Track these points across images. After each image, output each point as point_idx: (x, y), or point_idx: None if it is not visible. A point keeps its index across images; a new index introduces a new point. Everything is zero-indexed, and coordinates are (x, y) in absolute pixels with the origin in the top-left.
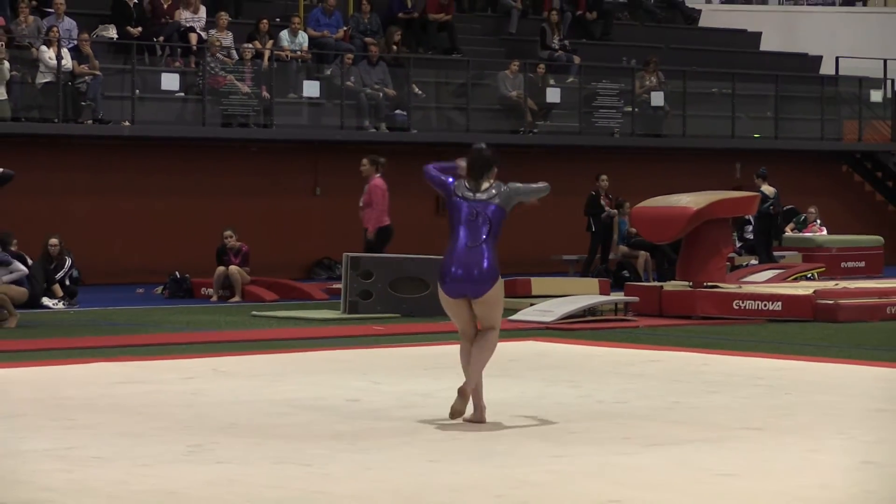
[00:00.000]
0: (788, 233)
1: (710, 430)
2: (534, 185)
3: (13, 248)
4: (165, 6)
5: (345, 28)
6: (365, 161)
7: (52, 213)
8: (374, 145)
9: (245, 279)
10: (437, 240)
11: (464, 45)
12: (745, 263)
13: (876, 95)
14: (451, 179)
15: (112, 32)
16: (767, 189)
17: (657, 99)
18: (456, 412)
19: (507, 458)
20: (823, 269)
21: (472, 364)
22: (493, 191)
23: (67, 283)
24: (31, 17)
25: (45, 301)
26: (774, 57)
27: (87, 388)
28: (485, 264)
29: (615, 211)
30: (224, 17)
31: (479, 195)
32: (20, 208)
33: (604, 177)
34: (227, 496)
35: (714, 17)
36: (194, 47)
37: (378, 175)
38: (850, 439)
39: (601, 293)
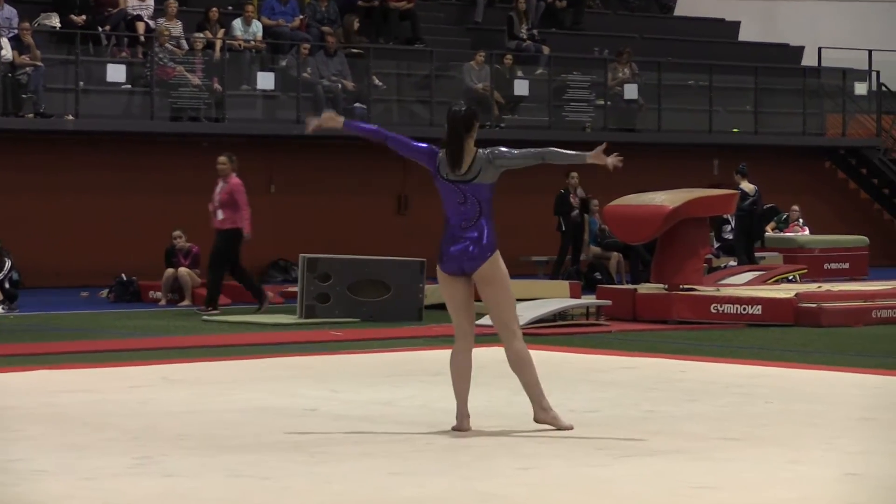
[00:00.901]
0: (769, 233)
1: (687, 440)
2: (521, 152)
3: None
4: None
5: (301, 17)
6: (223, 159)
7: None
8: (332, 140)
9: (195, 282)
10: (399, 240)
11: (427, 34)
12: (723, 265)
13: (860, 88)
14: (426, 144)
15: (55, 21)
16: (747, 186)
17: (631, 92)
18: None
19: (474, 470)
20: (806, 270)
21: (527, 388)
22: (478, 167)
23: (7, 285)
24: None
25: None
26: (754, 47)
27: (29, 397)
28: (483, 240)
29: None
30: (173, 5)
31: (463, 174)
32: None
33: (574, 174)
34: None
35: (690, 5)
36: (142, 37)
37: (234, 174)
38: (834, 450)
39: (572, 296)
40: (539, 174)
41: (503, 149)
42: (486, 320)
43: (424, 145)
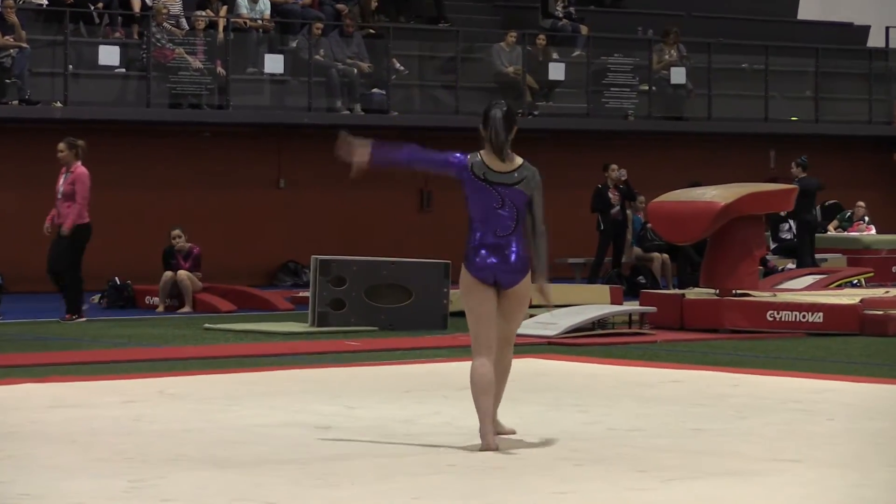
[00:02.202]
0: (831, 232)
1: (739, 461)
2: (540, 213)
3: None
4: None
5: None
6: (62, 146)
7: None
8: (347, 129)
9: (196, 286)
10: (420, 240)
11: (452, 13)
12: (780, 268)
13: None
14: (456, 155)
15: None
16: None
17: (678, 76)
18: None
19: (504, 494)
20: (872, 274)
21: (498, 397)
22: (525, 172)
23: None
24: None
25: None
26: (815, 27)
27: (13, 413)
28: (522, 253)
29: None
30: None
31: (505, 175)
32: None
33: (614, 166)
34: None
35: None
36: (137, 15)
37: (79, 162)
38: None
39: (612, 302)
40: (575, 167)
41: (537, 197)
42: (525, 328)
43: (458, 155)
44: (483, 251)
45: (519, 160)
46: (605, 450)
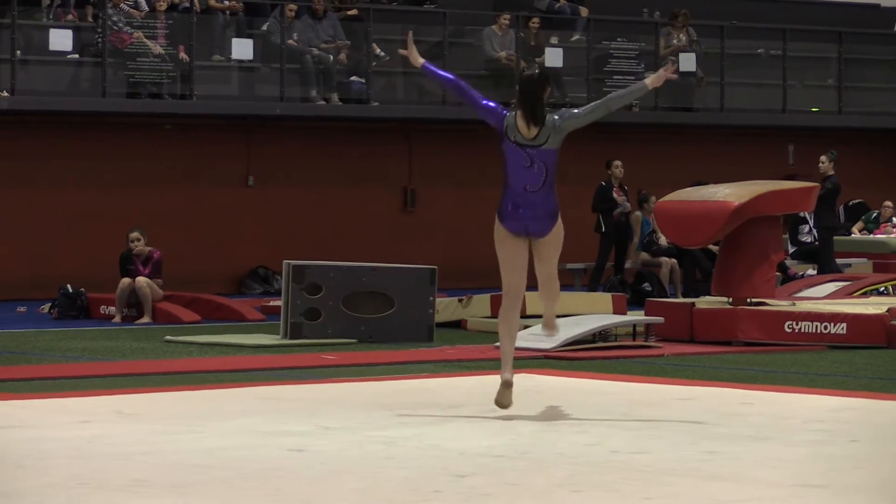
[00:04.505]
0: (856, 234)
1: (757, 487)
2: (586, 108)
3: None
4: None
5: None
6: None
7: None
8: (323, 122)
9: (157, 294)
10: (404, 243)
11: None
12: (800, 274)
13: None
14: (492, 105)
15: None
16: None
17: (687, 63)
18: (503, 405)
19: None
20: None
21: (547, 312)
22: (547, 132)
23: None
24: None
25: None
26: (838, 8)
27: None
28: (549, 205)
29: (629, 205)
30: None
31: (532, 139)
32: None
33: (617, 163)
34: None
35: None
36: None
37: None
38: None
39: (615, 312)
40: (574, 162)
41: (573, 110)
42: (520, 340)
43: (493, 104)
44: (513, 204)
45: (547, 119)
46: (608, 475)
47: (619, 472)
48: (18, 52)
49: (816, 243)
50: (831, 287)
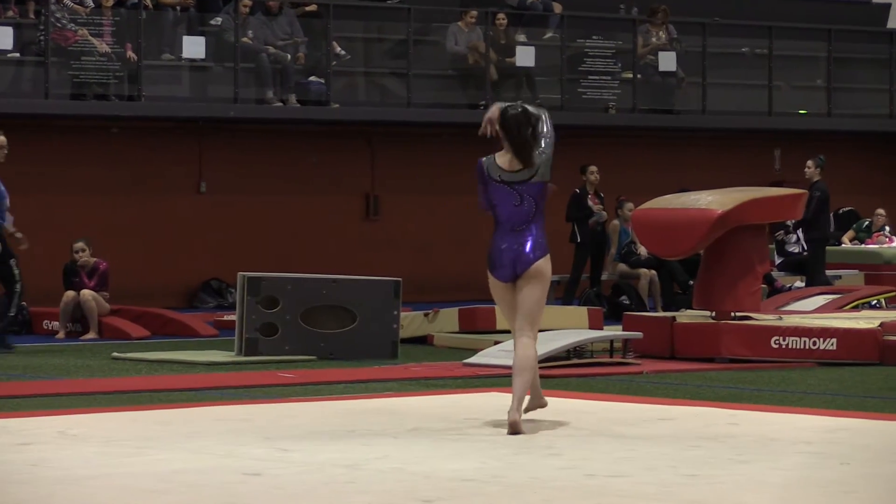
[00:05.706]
0: (847, 244)
1: None
2: (548, 140)
3: None
4: None
5: None
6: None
7: None
8: (279, 124)
9: (103, 308)
10: (367, 253)
11: None
12: (787, 286)
13: None
14: (478, 173)
15: None
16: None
17: (667, 62)
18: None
19: None
20: (894, 293)
21: (515, 391)
22: (536, 166)
23: None
24: None
25: None
26: (827, 4)
27: None
28: (536, 240)
29: (605, 214)
30: None
31: (519, 174)
32: None
33: (593, 168)
34: None
35: None
36: None
37: None
38: None
39: (591, 327)
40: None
41: (541, 143)
42: (481, 357)
43: (477, 172)
44: (502, 253)
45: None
46: (583, 500)
47: (595, 497)
48: None
49: (805, 253)
50: (820, 300)
